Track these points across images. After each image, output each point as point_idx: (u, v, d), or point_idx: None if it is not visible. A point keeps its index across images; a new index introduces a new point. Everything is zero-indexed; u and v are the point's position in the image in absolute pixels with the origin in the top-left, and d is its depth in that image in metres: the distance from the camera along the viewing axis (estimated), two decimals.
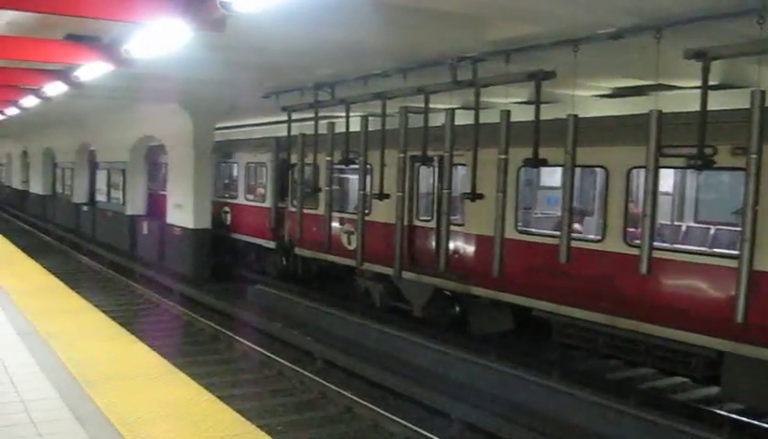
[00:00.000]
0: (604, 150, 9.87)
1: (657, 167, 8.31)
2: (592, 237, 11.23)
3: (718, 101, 8.91)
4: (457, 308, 14.09)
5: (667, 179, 11.17)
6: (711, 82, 8.05)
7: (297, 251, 18.27)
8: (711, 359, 9.80)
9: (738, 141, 8.11)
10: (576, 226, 11.20)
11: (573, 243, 9.64)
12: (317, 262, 17.79)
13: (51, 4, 7.55)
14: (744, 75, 10.51)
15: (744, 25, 7.19)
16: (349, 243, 15.64)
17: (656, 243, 8.83)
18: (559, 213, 10.95)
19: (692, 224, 12.35)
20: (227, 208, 22.21)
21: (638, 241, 9.59)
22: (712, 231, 11.73)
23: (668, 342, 10.13)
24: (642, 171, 9.09)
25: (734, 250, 8.82)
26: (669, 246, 10.57)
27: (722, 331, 9.15)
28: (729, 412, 10.29)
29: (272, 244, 20.08)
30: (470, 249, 11.82)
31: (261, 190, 20.96)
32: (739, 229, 8.04)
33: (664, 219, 11.47)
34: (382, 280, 15.33)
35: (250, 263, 21.50)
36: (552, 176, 12.52)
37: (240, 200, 21.72)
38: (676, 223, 12.07)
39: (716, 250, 10.41)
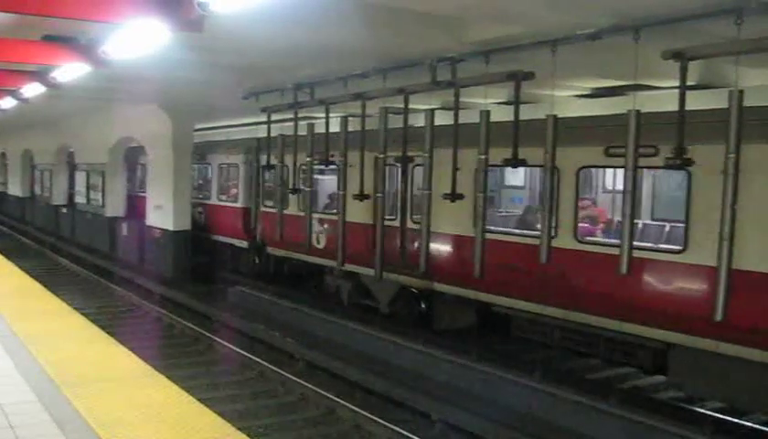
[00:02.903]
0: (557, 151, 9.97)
1: (636, 167, 8.35)
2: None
3: (699, 102, 8.97)
4: (423, 305, 14.46)
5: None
6: (689, 82, 8.10)
7: (269, 250, 18.70)
8: (659, 350, 10.26)
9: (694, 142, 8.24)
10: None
11: (530, 241, 9.99)
12: (289, 260, 18.20)
13: (28, 4, 7.48)
14: (722, 75, 10.59)
15: (722, 25, 7.24)
16: (318, 242, 15.90)
17: (607, 240, 9.44)
18: (519, 212, 12.17)
19: (648, 222, 12.80)
20: (201, 209, 22.46)
21: (589, 238, 10.54)
22: (667, 228, 12.10)
23: (618, 335, 10.58)
24: (591, 171, 9.18)
25: (679, 245, 9.60)
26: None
27: (669, 324, 9.62)
28: (711, 410, 10.40)
29: (245, 244, 20.41)
30: (432, 247, 11.85)
31: (234, 191, 21.32)
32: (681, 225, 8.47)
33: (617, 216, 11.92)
34: (350, 278, 15.73)
35: (224, 262, 21.68)
36: (516, 176, 13.13)
37: (214, 201, 22.09)
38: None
39: (662, 246, 10.78)
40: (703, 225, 8.99)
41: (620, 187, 11.22)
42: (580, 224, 11.12)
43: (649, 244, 10.89)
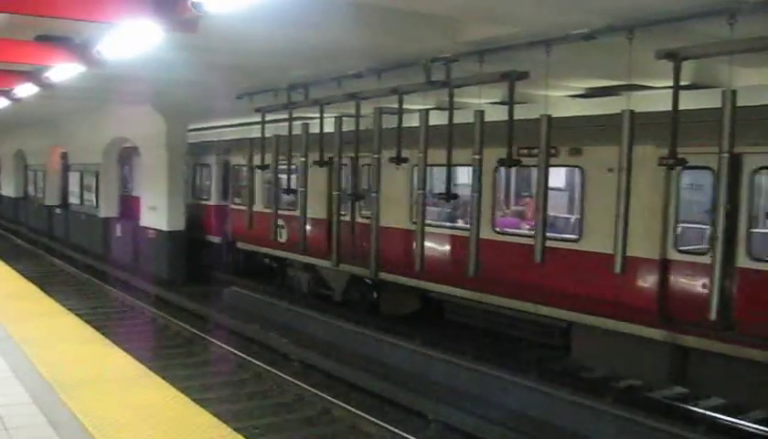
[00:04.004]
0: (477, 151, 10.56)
1: (630, 167, 8.39)
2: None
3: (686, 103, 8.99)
4: (375, 293, 15.58)
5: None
6: (683, 82, 8.13)
7: (239, 245, 19.74)
8: (563, 329, 11.43)
9: (574, 143, 9.45)
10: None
11: (458, 232, 11.57)
12: (256, 254, 19.31)
13: (21, 3, 7.47)
14: (714, 75, 10.63)
15: (715, 25, 7.27)
16: (281, 237, 16.92)
17: (519, 231, 11.25)
18: (448, 208, 13.96)
19: (561, 215, 14.09)
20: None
21: (507, 230, 12.02)
22: (572, 220, 13.10)
23: (530, 315, 11.82)
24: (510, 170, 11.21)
25: (574, 235, 11.04)
26: (527, 233, 12.04)
27: (570, 305, 10.79)
28: (704, 409, 10.43)
29: (217, 239, 21.35)
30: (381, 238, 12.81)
31: (207, 190, 22.32)
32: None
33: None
34: (309, 269, 17.12)
35: (200, 258, 22.05)
36: (463, 175, 14.02)
37: (189, 200, 22.53)
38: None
39: (565, 235, 11.78)
40: (594, 216, 9.83)
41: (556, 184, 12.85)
42: (501, 218, 12.44)
43: (554, 234, 11.57)
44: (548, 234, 9.68)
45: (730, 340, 9.09)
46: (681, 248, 9.76)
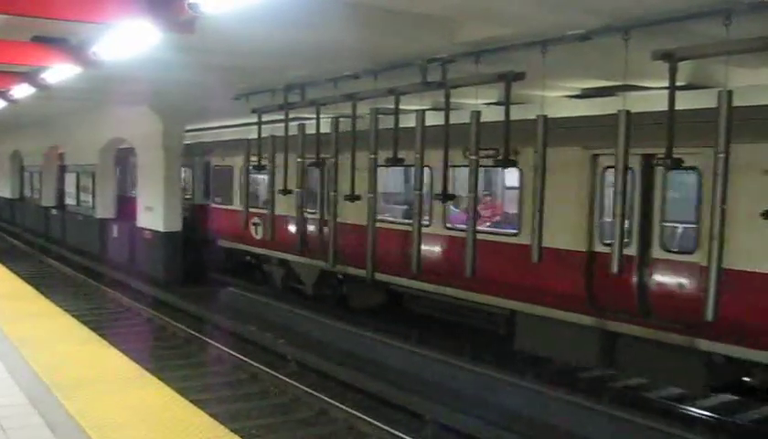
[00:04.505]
0: (428, 152, 11.23)
1: (626, 168, 8.42)
2: (425, 223, 12.75)
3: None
4: (345, 288, 16.22)
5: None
6: (679, 83, 8.15)
7: (220, 242, 20.45)
8: (508, 317, 12.10)
9: (514, 145, 10.00)
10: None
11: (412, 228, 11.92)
12: (236, 251, 19.92)
13: (18, 4, 7.46)
14: (710, 76, 10.65)
15: (711, 26, 7.29)
16: (256, 234, 17.90)
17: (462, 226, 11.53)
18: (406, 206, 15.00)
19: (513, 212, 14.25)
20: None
21: (457, 226, 12.58)
22: (512, 216, 13.59)
23: (479, 305, 12.52)
24: (455, 169, 11.89)
25: (515, 230, 11.81)
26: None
27: (513, 294, 11.51)
28: (701, 409, 10.46)
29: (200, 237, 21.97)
30: (345, 235, 13.93)
31: (188, 190, 23.19)
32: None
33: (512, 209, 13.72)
34: (282, 265, 17.87)
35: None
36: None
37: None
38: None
39: (507, 230, 12.46)
40: (530, 212, 10.31)
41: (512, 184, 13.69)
42: (452, 215, 13.20)
43: (498, 230, 12.86)
44: (493, 229, 11.10)
45: (647, 325, 9.83)
46: (606, 241, 10.26)
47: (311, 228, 15.42)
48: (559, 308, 10.89)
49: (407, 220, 14.02)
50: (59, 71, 11.30)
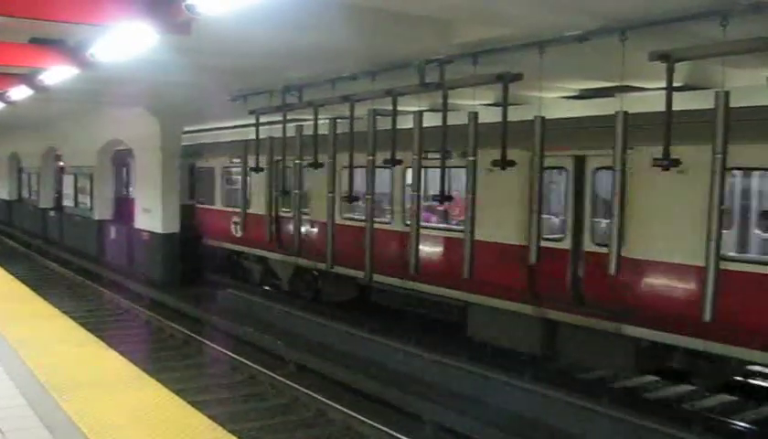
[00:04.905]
0: (365, 154, 12.08)
1: (624, 168, 8.44)
2: (386, 220, 14.14)
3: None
4: (320, 283, 17.00)
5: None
6: (676, 84, 8.15)
7: (204, 240, 21.07)
8: (462, 309, 12.93)
9: (463, 147, 10.59)
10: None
11: (379, 226, 12.78)
12: (219, 248, 20.77)
13: (15, 6, 7.46)
14: (707, 76, 10.66)
15: (708, 27, 7.30)
16: (236, 232, 18.78)
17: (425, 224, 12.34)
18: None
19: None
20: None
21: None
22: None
23: (435, 297, 13.30)
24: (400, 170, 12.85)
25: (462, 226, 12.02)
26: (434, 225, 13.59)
27: (465, 287, 12.14)
28: (700, 409, 10.47)
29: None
30: (316, 232, 15.03)
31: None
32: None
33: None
34: (260, 262, 18.79)
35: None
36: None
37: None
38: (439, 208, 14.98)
39: (455, 226, 13.23)
40: (478, 210, 11.27)
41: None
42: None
43: (454, 226, 13.58)
44: (449, 226, 11.92)
45: (580, 313, 10.66)
46: (544, 236, 10.80)
47: (287, 226, 16.31)
48: (504, 299, 11.67)
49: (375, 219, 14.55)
50: (57, 73, 11.29)
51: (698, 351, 9.66)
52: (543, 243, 10.42)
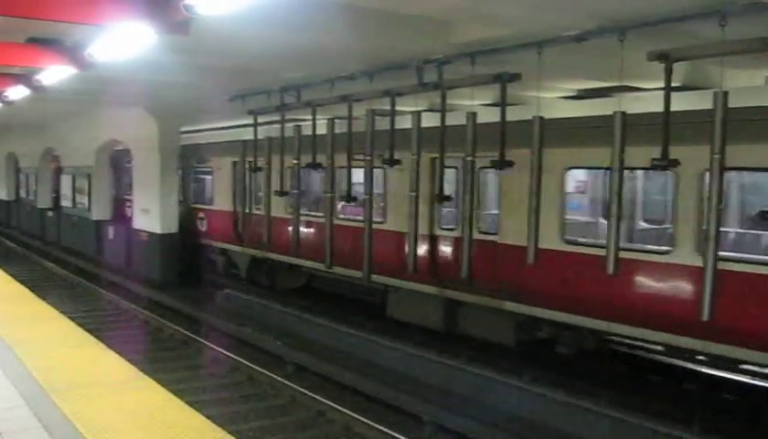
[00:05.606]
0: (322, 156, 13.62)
1: (622, 168, 8.44)
2: (321, 215, 15.43)
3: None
4: (275, 273, 18.71)
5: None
6: (674, 84, 8.16)
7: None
8: (383, 291, 14.76)
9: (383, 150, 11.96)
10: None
11: (316, 219, 14.90)
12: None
13: (13, 6, 7.45)
14: (706, 76, 10.66)
15: (707, 27, 7.29)
16: (202, 227, 21.04)
17: (353, 217, 14.50)
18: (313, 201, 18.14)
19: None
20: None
21: (346, 216, 15.36)
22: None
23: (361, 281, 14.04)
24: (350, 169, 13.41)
25: (383, 219, 14.21)
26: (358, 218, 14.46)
27: (386, 272, 13.69)
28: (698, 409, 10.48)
29: None
30: (273, 227, 16.07)
31: None
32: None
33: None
34: (223, 254, 20.48)
35: None
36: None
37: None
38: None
39: (379, 219, 14.19)
40: (390, 204, 13.94)
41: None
42: (345, 207, 15.58)
43: (375, 219, 14.18)
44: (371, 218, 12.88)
45: (470, 292, 12.32)
46: (443, 226, 13.27)
47: (246, 222, 17.94)
48: (414, 281, 13.28)
49: (314, 213, 16.72)
50: (55, 73, 11.29)
51: (560, 323, 11.38)
52: (441, 232, 13.09)
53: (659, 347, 12.41)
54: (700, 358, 11.92)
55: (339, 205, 15.27)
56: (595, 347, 12.16)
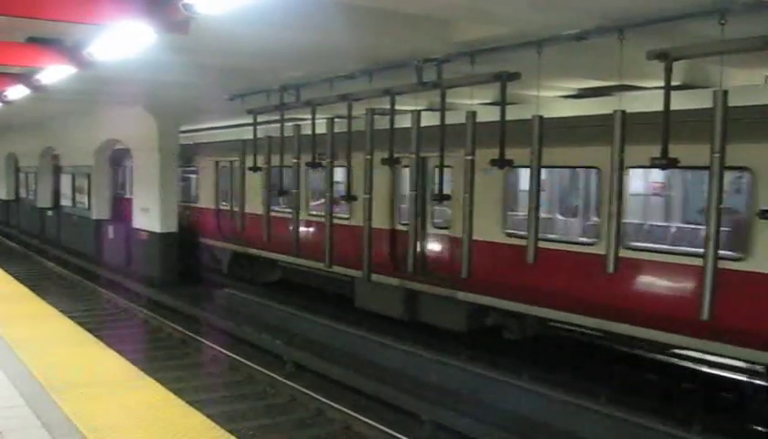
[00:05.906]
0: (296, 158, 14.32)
1: (622, 167, 8.43)
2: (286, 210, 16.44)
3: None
4: (254, 267, 19.78)
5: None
6: (674, 83, 8.16)
7: None
8: (350, 283, 15.66)
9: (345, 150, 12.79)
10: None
11: (289, 215, 15.26)
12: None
13: (12, 5, 7.45)
14: (706, 75, 10.67)
15: (706, 25, 7.29)
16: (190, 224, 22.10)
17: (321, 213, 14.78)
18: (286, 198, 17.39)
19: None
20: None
21: (315, 212, 16.17)
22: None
23: (334, 274, 15.52)
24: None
25: (347, 214, 14.95)
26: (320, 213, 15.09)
27: (353, 266, 14.03)
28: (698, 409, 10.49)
29: None
30: (245, 222, 16.64)
31: None
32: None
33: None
34: (207, 249, 21.43)
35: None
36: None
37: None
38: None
39: (344, 215, 15.02)
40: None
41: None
42: (314, 204, 16.80)
43: (341, 214, 15.08)
44: (337, 214, 13.93)
45: (427, 282, 13.27)
46: (401, 221, 14.04)
47: (228, 218, 19.37)
48: (377, 273, 13.49)
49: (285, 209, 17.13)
50: (54, 72, 11.29)
51: (506, 311, 12.30)
52: (400, 227, 13.91)
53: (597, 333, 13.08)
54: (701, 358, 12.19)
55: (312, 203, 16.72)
56: (539, 333, 13.05)
